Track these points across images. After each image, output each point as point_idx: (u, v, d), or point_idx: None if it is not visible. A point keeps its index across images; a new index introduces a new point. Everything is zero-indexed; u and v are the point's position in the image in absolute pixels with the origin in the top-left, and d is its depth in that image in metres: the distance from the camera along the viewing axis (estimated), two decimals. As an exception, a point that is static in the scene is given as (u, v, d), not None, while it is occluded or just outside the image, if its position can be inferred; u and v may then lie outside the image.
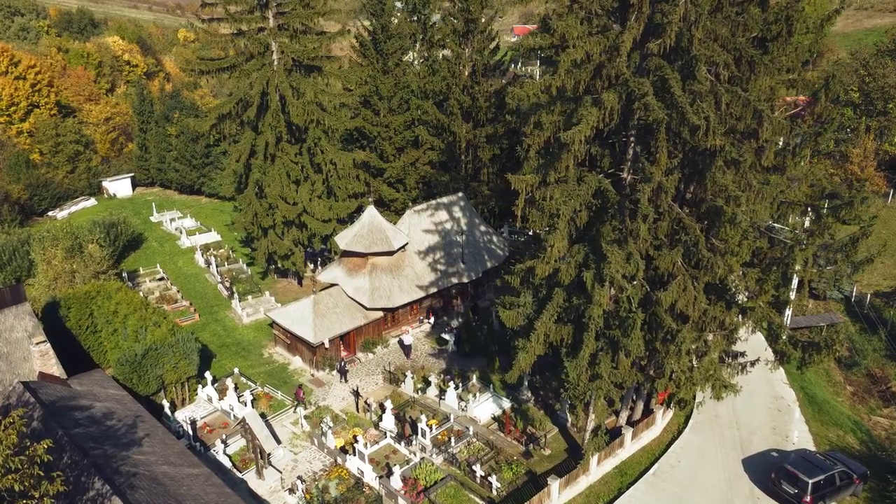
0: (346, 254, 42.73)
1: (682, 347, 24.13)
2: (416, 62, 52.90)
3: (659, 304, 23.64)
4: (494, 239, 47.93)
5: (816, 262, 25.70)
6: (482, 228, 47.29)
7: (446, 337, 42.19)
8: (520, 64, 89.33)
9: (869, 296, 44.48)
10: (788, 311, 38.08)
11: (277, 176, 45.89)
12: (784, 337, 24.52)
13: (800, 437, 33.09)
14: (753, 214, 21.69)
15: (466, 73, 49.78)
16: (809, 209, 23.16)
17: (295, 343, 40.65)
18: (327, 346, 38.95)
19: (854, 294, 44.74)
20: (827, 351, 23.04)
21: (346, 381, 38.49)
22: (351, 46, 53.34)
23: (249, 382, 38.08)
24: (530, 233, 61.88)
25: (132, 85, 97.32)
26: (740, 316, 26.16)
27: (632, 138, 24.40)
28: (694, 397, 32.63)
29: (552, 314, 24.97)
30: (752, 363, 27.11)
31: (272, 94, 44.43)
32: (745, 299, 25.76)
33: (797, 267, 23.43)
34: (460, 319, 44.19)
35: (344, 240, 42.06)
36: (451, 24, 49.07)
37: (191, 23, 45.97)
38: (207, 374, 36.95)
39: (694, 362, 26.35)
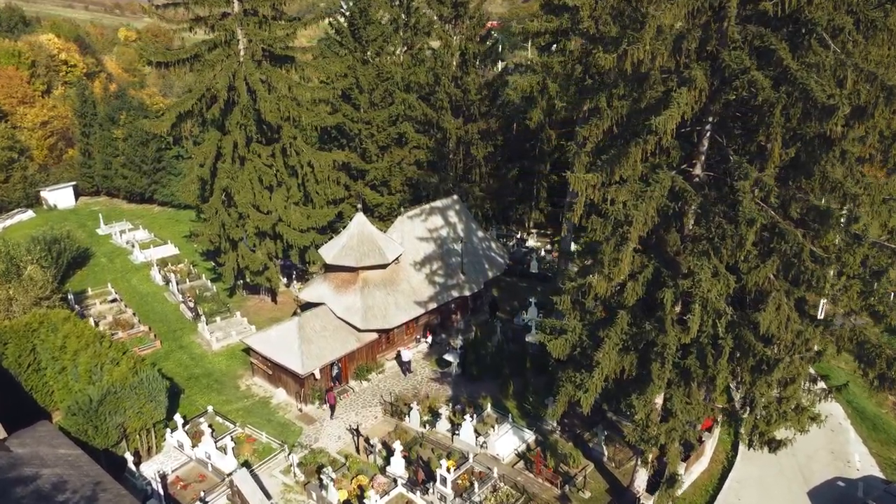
0: (332, 268, 37.54)
1: (775, 377, 20.05)
2: (397, 51, 47.77)
3: (749, 326, 19.48)
4: (493, 245, 43.37)
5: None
6: (480, 234, 42.66)
7: (449, 358, 37.46)
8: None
9: (893, 294, 41.57)
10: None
11: (248, 181, 40.28)
12: (886, 359, 20.53)
13: (862, 460, 29.64)
14: (878, 215, 17.67)
15: (455, 63, 45.03)
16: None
17: (277, 373, 35.23)
18: (317, 376, 33.77)
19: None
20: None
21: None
22: (325, 33, 48.02)
23: (227, 423, 32.58)
24: (518, 235, 57.82)
25: (71, 86, 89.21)
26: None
27: (707, 126, 20.17)
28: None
29: (615, 342, 20.55)
30: (839, 388, 23.20)
31: (240, 87, 38.86)
32: (832, 316, 21.82)
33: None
34: (462, 337, 39.54)
35: (330, 252, 36.89)
36: (437, 8, 44.22)
37: (148, 11, 39.73)
38: (178, 417, 31.32)
39: (776, 392, 22.29)
